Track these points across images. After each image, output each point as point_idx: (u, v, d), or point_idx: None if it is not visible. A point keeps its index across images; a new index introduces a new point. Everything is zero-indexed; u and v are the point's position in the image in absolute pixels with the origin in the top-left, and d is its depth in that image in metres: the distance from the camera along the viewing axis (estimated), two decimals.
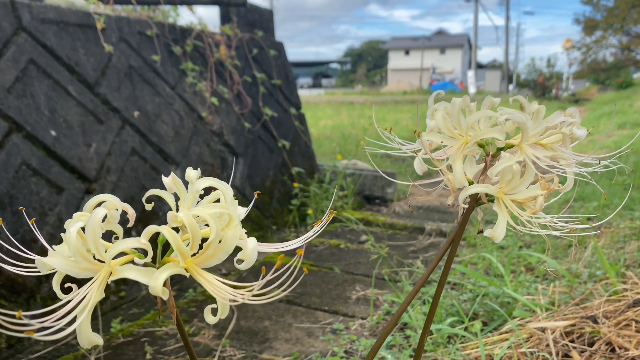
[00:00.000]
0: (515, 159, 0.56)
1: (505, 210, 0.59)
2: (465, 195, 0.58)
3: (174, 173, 2.59)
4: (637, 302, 1.55)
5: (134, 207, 2.61)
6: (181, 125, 3.08)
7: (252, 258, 0.53)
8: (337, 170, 3.98)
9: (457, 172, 0.58)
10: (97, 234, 0.47)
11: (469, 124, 0.58)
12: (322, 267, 2.87)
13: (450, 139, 0.60)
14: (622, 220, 2.68)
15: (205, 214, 0.50)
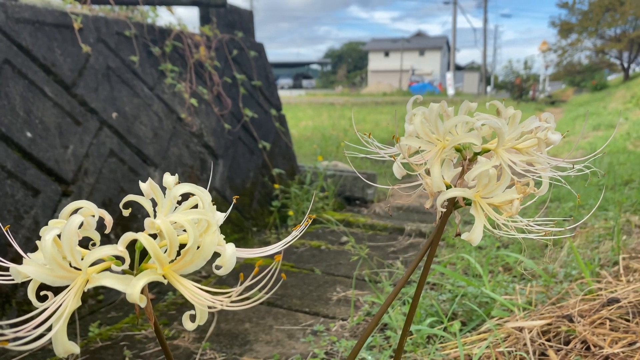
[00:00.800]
0: (492, 164, 0.57)
1: (482, 213, 0.60)
2: (443, 199, 0.59)
3: (153, 175, 2.61)
4: (611, 301, 1.59)
5: (112, 210, 2.62)
6: (160, 127, 3.05)
7: (230, 264, 0.53)
8: (318, 172, 3.99)
9: (435, 177, 0.59)
10: (73, 242, 0.46)
11: (447, 129, 0.59)
12: (303, 268, 2.87)
13: (428, 144, 0.61)
14: (597, 220, 2.73)
15: (183, 220, 0.50)
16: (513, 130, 0.64)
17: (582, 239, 2.46)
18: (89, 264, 0.48)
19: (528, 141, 0.62)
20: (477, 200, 0.59)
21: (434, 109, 0.60)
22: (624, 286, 1.70)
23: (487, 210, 0.60)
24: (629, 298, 1.58)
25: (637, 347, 1.36)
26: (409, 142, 0.63)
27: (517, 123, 0.65)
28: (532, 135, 0.61)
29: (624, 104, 15.67)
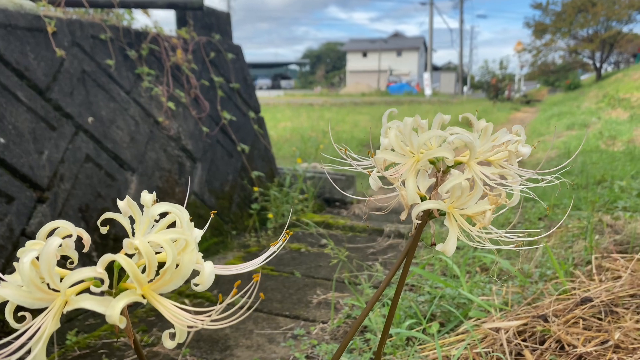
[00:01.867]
0: (464, 177, 0.58)
1: (456, 224, 0.61)
2: (418, 212, 0.60)
3: (130, 179, 2.59)
4: (584, 301, 1.62)
5: (89, 215, 2.58)
6: (137, 131, 3.02)
7: (208, 282, 0.53)
8: (297, 174, 3.99)
9: (409, 190, 0.60)
10: (51, 265, 0.46)
11: (420, 143, 0.61)
12: (283, 271, 2.87)
13: (403, 157, 0.62)
14: (571, 220, 2.79)
15: (162, 240, 0.50)
16: (485, 142, 0.66)
17: (557, 239, 2.51)
18: (67, 286, 0.48)
19: (500, 154, 0.64)
20: (450, 211, 0.61)
21: (407, 123, 0.61)
22: (597, 285, 1.74)
23: (460, 222, 0.61)
24: (601, 297, 1.62)
25: (609, 346, 1.39)
26: (384, 155, 0.64)
27: (489, 134, 0.67)
28: (504, 148, 0.63)
29: (596, 103, 16.01)
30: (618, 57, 35.55)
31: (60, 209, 2.45)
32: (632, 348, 1.36)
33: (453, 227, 0.61)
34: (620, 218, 2.55)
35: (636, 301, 1.59)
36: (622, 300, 1.61)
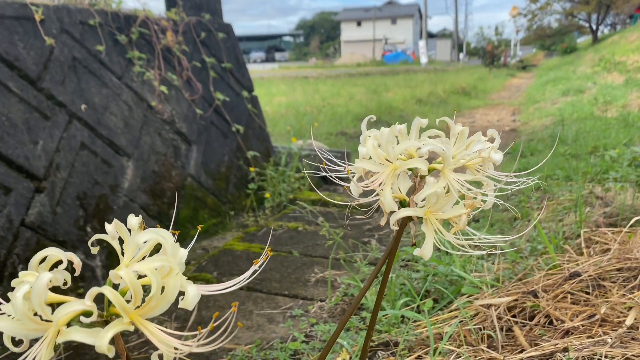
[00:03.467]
0: (439, 185, 0.61)
1: (433, 229, 0.64)
2: (396, 219, 0.63)
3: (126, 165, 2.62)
4: (573, 275, 1.67)
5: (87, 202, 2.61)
6: (131, 116, 3.03)
7: (193, 304, 0.56)
8: (293, 153, 4.01)
9: (386, 199, 0.63)
10: (42, 299, 0.49)
11: (397, 154, 0.63)
12: (281, 251, 2.92)
13: (381, 166, 0.65)
14: (563, 191, 2.83)
15: (146, 269, 0.53)
16: (461, 144, 0.69)
17: (549, 212, 2.55)
18: (59, 318, 0.50)
19: (474, 160, 0.67)
20: (427, 217, 0.64)
21: (384, 134, 0.64)
22: (585, 260, 1.78)
23: (437, 228, 0.64)
24: (589, 272, 1.67)
25: (595, 320, 1.44)
26: (363, 164, 0.66)
27: (465, 137, 0.69)
28: (477, 155, 0.65)
29: (592, 67, 15.92)
30: (614, 18, 35.18)
31: (58, 198, 2.48)
32: (617, 322, 1.41)
33: (429, 232, 0.64)
34: (610, 189, 2.58)
35: (623, 274, 1.63)
36: (609, 274, 1.65)
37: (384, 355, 1.62)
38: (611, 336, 1.29)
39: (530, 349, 1.31)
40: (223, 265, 2.73)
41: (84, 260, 2.53)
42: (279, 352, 1.83)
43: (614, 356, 1.11)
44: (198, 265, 2.74)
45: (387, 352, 1.62)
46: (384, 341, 1.70)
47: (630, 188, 2.57)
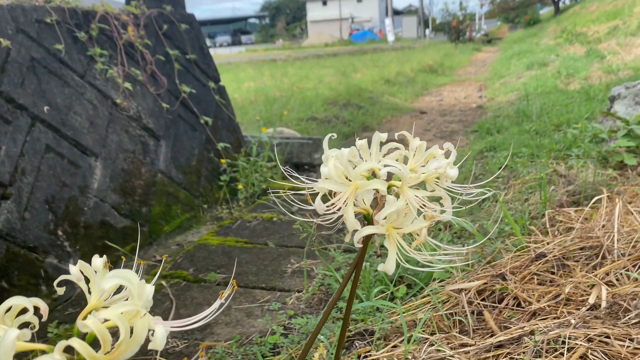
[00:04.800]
0: (399, 204, 0.63)
1: (395, 244, 0.67)
2: (360, 237, 0.65)
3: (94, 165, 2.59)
4: (539, 256, 1.74)
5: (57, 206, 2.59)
6: (96, 115, 2.98)
7: (161, 345, 0.57)
8: (264, 142, 4.00)
9: (349, 219, 0.65)
10: (10, 356, 0.49)
11: (357, 175, 0.65)
12: (257, 243, 2.93)
13: (343, 185, 0.67)
14: (528, 170, 2.90)
15: (113, 316, 0.53)
16: (419, 157, 0.71)
17: (515, 192, 2.63)
18: None
19: (432, 175, 0.69)
20: (389, 232, 0.66)
21: (344, 155, 0.66)
22: (550, 240, 1.85)
23: (399, 243, 0.67)
24: (554, 252, 1.73)
25: (560, 300, 1.51)
26: (325, 185, 0.68)
27: (423, 151, 0.72)
28: (434, 172, 0.68)
29: (555, 39, 16.18)
30: None
31: (26, 203, 2.44)
32: (580, 300, 1.47)
33: (392, 248, 0.66)
34: (573, 167, 2.67)
35: (585, 253, 1.70)
36: (572, 253, 1.72)
37: (360, 345, 1.66)
38: (575, 316, 1.35)
39: (500, 333, 1.36)
40: (199, 261, 2.73)
41: (58, 265, 2.50)
42: (259, 347, 1.86)
43: (577, 337, 1.17)
44: (173, 262, 2.73)
45: (364, 342, 1.66)
46: (360, 330, 1.75)
47: (591, 165, 2.66)
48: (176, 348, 1.96)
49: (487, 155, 3.83)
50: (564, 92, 6.32)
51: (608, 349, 1.12)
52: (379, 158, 0.73)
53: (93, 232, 2.74)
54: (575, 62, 9.17)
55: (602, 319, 1.33)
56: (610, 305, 1.39)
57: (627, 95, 3.81)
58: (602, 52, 9.45)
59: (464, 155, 4.17)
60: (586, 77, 7.39)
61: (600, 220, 1.85)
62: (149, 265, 2.76)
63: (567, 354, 1.12)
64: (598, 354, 1.11)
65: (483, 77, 11.79)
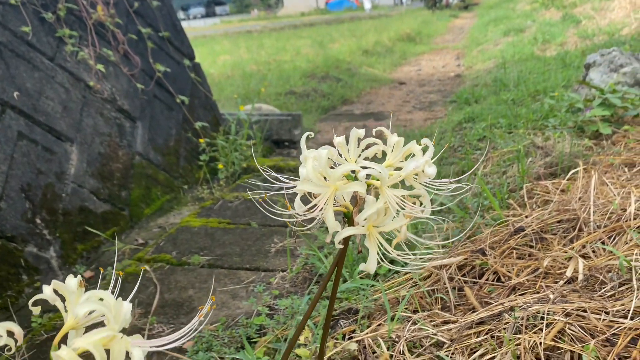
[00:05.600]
0: (378, 205, 0.63)
1: (376, 244, 0.67)
2: (340, 239, 0.65)
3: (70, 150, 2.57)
4: (517, 231, 1.77)
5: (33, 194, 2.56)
6: (68, 99, 2.91)
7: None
8: (243, 120, 3.96)
9: (329, 221, 0.65)
10: None
11: (336, 177, 0.65)
12: (240, 223, 2.93)
13: (322, 187, 0.66)
14: (505, 141, 2.93)
15: (89, 344, 0.53)
16: (397, 153, 0.71)
17: (493, 164, 2.65)
18: None
19: (411, 174, 0.69)
20: (370, 231, 0.66)
21: (322, 157, 0.65)
22: (529, 214, 1.88)
23: (380, 241, 0.67)
24: (532, 226, 1.76)
25: (539, 273, 1.54)
26: (304, 186, 0.68)
27: (401, 147, 0.72)
28: (412, 172, 0.68)
29: (531, 4, 16.12)
30: None
31: (1, 193, 2.40)
32: (558, 273, 1.51)
33: (373, 247, 0.66)
34: (550, 138, 2.70)
35: (562, 226, 1.74)
36: (550, 227, 1.75)
37: (345, 324, 1.69)
38: (553, 290, 1.39)
39: (481, 309, 1.39)
40: (182, 244, 2.72)
41: (37, 253, 2.48)
42: (245, 329, 1.88)
43: (555, 312, 1.20)
44: (156, 245, 2.72)
45: (348, 321, 1.69)
46: (344, 309, 1.77)
47: (567, 135, 2.69)
48: (162, 333, 1.96)
49: (466, 127, 3.85)
50: (541, 59, 6.34)
51: (585, 322, 1.16)
52: (357, 153, 0.73)
53: (72, 218, 2.71)
54: (551, 27, 9.18)
55: (579, 292, 1.36)
56: (587, 278, 1.42)
57: (602, 63, 3.84)
58: (578, 16, 9.47)
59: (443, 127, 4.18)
60: (562, 43, 7.42)
61: (576, 193, 1.89)
62: (131, 249, 2.75)
63: (546, 329, 1.15)
64: (575, 328, 1.14)
65: (461, 45, 11.76)
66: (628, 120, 2.89)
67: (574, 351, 1.10)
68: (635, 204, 1.66)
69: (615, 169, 2.16)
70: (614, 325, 1.14)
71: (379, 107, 6.08)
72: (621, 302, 1.22)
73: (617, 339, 1.11)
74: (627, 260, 1.37)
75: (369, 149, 0.74)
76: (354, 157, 0.72)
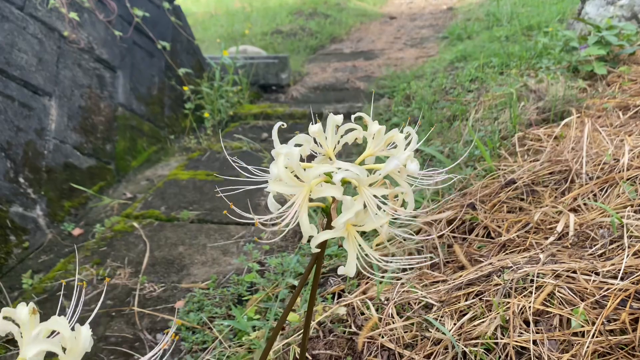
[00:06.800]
0: (357, 206, 0.58)
1: (355, 246, 0.63)
2: (316, 243, 0.60)
3: (49, 105, 2.49)
4: (508, 183, 1.73)
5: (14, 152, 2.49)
6: (43, 50, 2.78)
7: None
8: (227, 65, 3.83)
9: (303, 225, 0.60)
10: None
11: (310, 178, 0.59)
12: (229, 175, 2.89)
13: (295, 188, 0.61)
14: (498, 83, 2.85)
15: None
16: (379, 141, 0.66)
17: (485, 108, 2.59)
18: None
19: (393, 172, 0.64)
20: (349, 230, 0.62)
21: (294, 155, 0.59)
22: (520, 165, 1.84)
23: (360, 243, 0.63)
24: (524, 178, 1.73)
25: (529, 229, 1.52)
26: (275, 187, 0.62)
27: (382, 135, 0.66)
28: (392, 171, 0.62)
29: None
30: None
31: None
32: (548, 229, 1.49)
33: (352, 249, 0.62)
34: (543, 80, 2.62)
35: (554, 178, 1.71)
36: (542, 178, 1.72)
37: (335, 281, 1.68)
38: (543, 247, 1.37)
39: (470, 268, 1.38)
40: (170, 198, 2.69)
41: (23, 213, 2.44)
42: (236, 287, 1.88)
43: (545, 274, 1.19)
44: (144, 200, 2.69)
45: (338, 279, 1.68)
46: (334, 267, 1.76)
47: (561, 77, 2.61)
48: (153, 293, 1.97)
49: (458, 67, 3.75)
50: None
51: (575, 284, 1.15)
52: (336, 140, 0.68)
53: (57, 175, 2.65)
54: None
55: (569, 249, 1.35)
56: (578, 234, 1.41)
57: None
58: None
59: (435, 67, 4.06)
60: None
61: (569, 142, 1.84)
62: (119, 204, 2.72)
63: (536, 292, 1.14)
64: (565, 290, 1.14)
65: None
66: (624, 59, 2.80)
67: (563, 315, 1.09)
68: (629, 155, 1.62)
69: (609, 114, 2.11)
70: (604, 286, 1.13)
71: (369, 44, 5.90)
72: (611, 261, 1.20)
73: (607, 301, 1.10)
74: (619, 218, 1.35)
75: (348, 134, 0.69)
76: (332, 145, 0.67)
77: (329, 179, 0.61)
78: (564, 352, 1.03)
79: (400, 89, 3.50)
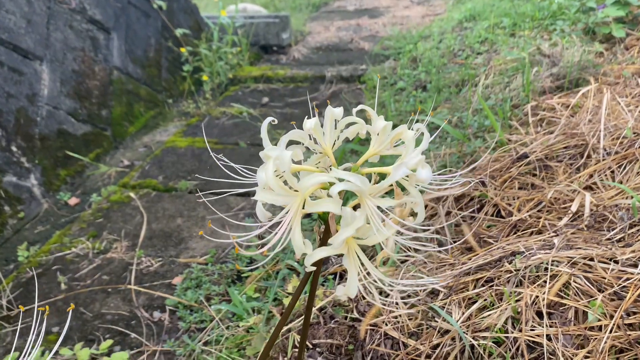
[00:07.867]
0: (359, 221, 0.50)
1: (356, 263, 0.54)
2: (311, 262, 0.52)
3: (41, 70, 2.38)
4: (520, 157, 1.64)
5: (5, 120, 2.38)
6: (32, 11, 2.65)
7: None
8: (225, 25, 3.68)
9: (296, 241, 0.52)
10: None
11: (303, 188, 0.51)
12: (227, 143, 2.80)
13: (286, 197, 0.53)
14: (509, 47, 2.71)
15: None
16: (384, 139, 0.57)
17: (496, 73, 2.46)
18: None
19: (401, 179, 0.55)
20: (349, 245, 0.54)
21: (285, 161, 0.51)
22: (533, 137, 1.75)
23: (362, 260, 0.55)
24: (537, 152, 1.64)
25: (542, 207, 1.44)
26: (264, 197, 0.54)
27: (388, 132, 0.58)
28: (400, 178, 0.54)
29: None
30: None
31: None
32: (562, 208, 1.41)
33: (352, 267, 0.54)
34: (558, 44, 2.48)
35: (569, 152, 1.61)
36: (556, 153, 1.63)
37: (336, 261, 1.62)
38: (558, 230, 1.29)
39: (480, 251, 1.31)
40: (168, 167, 2.61)
41: (17, 182, 2.37)
42: (235, 262, 1.83)
43: (560, 261, 1.12)
44: (142, 169, 2.61)
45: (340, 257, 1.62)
46: None
47: (578, 41, 2.47)
48: (150, 267, 1.91)
49: (467, 27, 3.59)
50: None
51: (592, 273, 1.08)
52: (335, 135, 0.59)
53: (51, 143, 2.57)
54: None
55: (585, 232, 1.27)
56: (594, 214, 1.33)
57: None
58: None
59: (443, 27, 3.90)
60: None
61: (585, 114, 1.74)
62: (117, 172, 2.64)
63: (550, 282, 1.08)
64: (581, 280, 1.07)
65: None
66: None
67: (579, 307, 1.03)
68: None
69: (628, 81, 1.99)
70: (623, 276, 1.06)
71: (373, 1, 5.68)
72: (631, 248, 1.13)
73: (626, 292, 1.03)
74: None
75: (349, 128, 0.60)
76: (330, 142, 0.59)
77: (327, 186, 0.53)
78: (580, 348, 0.97)
79: (406, 51, 3.36)
